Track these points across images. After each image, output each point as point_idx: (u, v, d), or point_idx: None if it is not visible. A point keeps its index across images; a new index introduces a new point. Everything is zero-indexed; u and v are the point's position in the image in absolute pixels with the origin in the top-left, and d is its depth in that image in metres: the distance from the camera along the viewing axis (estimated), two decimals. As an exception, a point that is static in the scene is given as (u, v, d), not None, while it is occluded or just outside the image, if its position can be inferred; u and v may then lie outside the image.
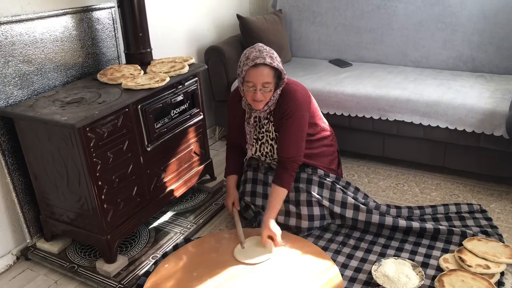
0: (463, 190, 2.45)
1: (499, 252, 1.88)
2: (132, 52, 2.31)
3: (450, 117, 2.36)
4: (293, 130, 2.03)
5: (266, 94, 1.97)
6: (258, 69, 1.91)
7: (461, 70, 2.81)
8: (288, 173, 2.04)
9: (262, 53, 1.92)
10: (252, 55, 1.92)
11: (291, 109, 2.01)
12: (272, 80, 1.95)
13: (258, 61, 1.89)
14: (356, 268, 1.92)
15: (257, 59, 1.90)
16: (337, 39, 3.19)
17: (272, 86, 1.96)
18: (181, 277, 1.88)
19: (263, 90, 1.95)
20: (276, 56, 1.97)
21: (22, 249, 2.15)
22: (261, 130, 2.14)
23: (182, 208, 2.43)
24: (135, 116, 2.00)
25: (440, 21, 2.82)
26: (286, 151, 2.05)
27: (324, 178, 2.12)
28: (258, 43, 2.01)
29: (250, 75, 1.93)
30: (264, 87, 1.94)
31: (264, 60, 1.90)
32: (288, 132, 2.04)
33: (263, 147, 2.16)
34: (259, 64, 1.90)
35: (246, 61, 1.93)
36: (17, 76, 1.99)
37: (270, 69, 1.93)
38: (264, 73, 1.92)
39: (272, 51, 1.97)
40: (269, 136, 2.13)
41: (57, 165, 1.88)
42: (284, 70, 1.98)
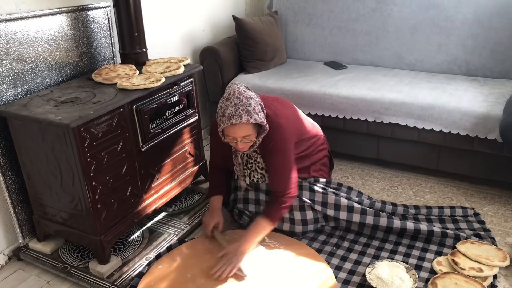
0: (456, 193, 2.46)
1: (492, 255, 1.89)
2: (127, 52, 2.30)
3: (444, 120, 2.37)
4: (279, 164, 1.96)
5: (248, 143, 1.89)
6: (236, 126, 1.81)
7: (455, 73, 2.83)
8: (276, 207, 1.95)
9: (239, 109, 1.78)
10: (227, 111, 1.80)
11: (274, 143, 1.93)
12: (253, 131, 1.85)
13: (234, 121, 1.78)
14: (350, 270, 1.92)
15: (233, 117, 1.78)
16: (333, 41, 3.20)
17: (253, 136, 1.87)
18: (174, 278, 1.87)
19: (244, 141, 1.87)
20: (253, 106, 1.81)
21: (14, 249, 2.13)
22: (249, 161, 2.08)
23: (176, 209, 2.42)
24: (130, 116, 1.99)
25: (435, 24, 2.84)
26: (276, 185, 1.98)
27: (314, 184, 2.11)
28: (234, 88, 1.85)
29: (228, 131, 1.85)
30: (245, 138, 1.86)
31: (240, 119, 1.78)
32: (274, 166, 1.97)
33: (253, 174, 2.11)
34: (236, 124, 1.80)
35: (222, 118, 1.82)
36: (11, 74, 1.97)
37: (248, 125, 1.82)
38: (242, 129, 1.82)
39: (249, 102, 1.81)
40: (259, 167, 2.07)
41: (51, 165, 1.87)
42: (264, 120, 1.86)
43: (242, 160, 2.09)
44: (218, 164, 2.20)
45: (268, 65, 3.13)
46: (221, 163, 2.19)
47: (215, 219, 2.10)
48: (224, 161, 2.17)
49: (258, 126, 1.89)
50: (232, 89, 1.86)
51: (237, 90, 1.84)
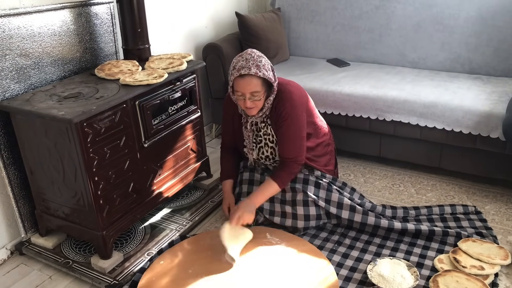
0: (458, 192, 2.46)
1: (494, 253, 1.89)
2: (130, 48, 2.30)
3: (447, 118, 2.36)
4: (291, 131, 2.02)
5: (257, 102, 1.94)
6: (245, 79, 1.88)
7: (458, 71, 2.82)
8: (286, 172, 2.03)
9: (249, 62, 1.88)
10: (238, 64, 1.89)
11: (287, 110, 1.99)
12: (261, 88, 1.91)
13: (243, 72, 1.86)
14: (352, 267, 1.92)
15: (242, 69, 1.87)
16: (336, 39, 3.19)
17: (261, 94, 1.93)
18: (176, 274, 1.87)
19: (253, 99, 1.92)
20: (264, 63, 1.91)
21: (16, 243, 2.14)
22: (258, 134, 2.12)
23: (178, 205, 2.43)
24: (133, 112, 1.99)
25: (438, 22, 2.83)
26: (287, 152, 2.04)
27: (320, 179, 2.12)
28: (248, 49, 1.97)
29: (237, 85, 1.91)
30: (253, 96, 1.91)
31: (249, 70, 1.86)
32: (286, 133, 2.02)
33: (262, 150, 2.15)
34: (245, 75, 1.87)
35: (233, 70, 1.91)
36: (14, 69, 1.97)
37: (257, 79, 1.89)
38: (251, 83, 1.88)
39: (260, 59, 1.92)
40: (269, 139, 2.11)
41: (54, 160, 1.87)
42: (273, 78, 1.94)
43: (252, 132, 2.11)
44: (229, 143, 2.26)
45: (271, 62, 3.11)
46: (232, 142, 2.24)
47: (227, 203, 2.18)
48: (234, 140, 2.21)
49: (267, 85, 1.94)
50: (246, 50, 1.98)
51: (250, 50, 1.98)
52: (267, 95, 1.97)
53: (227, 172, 2.27)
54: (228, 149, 2.28)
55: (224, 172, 2.28)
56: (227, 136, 2.26)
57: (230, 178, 2.25)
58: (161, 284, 1.82)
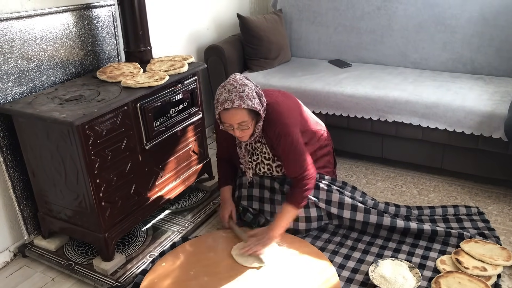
0: (461, 192, 2.45)
1: (496, 254, 1.88)
2: (131, 50, 2.31)
3: (449, 119, 2.36)
4: (288, 150, 1.98)
5: (245, 130, 1.92)
6: (230, 112, 1.85)
7: (460, 72, 2.81)
8: (298, 190, 1.98)
9: (231, 95, 1.83)
10: (221, 97, 1.85)
11: (278, 131, 1.96)
12: (248, 118, 1.87)
13: (226, 106, 1.82)
14: (353, 268, 1.92)
15: (225, 102, 1.83)
16: (337, 40, 3.19)
17: (249, 123, 1.89)
18: (178, 275, 1.88)
19: (241, 128, 1.90)
20: (247, 92, 1.84)
21: (19, 246, 2.15)
22: (254, 152, 2.12)
23: (180, 207, 2.43)
24: (134, 114, 1.99)
25: (440, 23, 2.82)
26: (291, 171, 2.02)
27: (319, 181, 2.12)
28: (231, 77, 1.90)
29: (223, 117, 1.88)
30: (241, 125, 1.89)
31: (232, 103, 1.81)
32: (285, 154, 1.99)
33: (259, 167, 2.15)
34: (228, 109, 1.84)
35: (216, 104, 1.88)
36: (16, 73, 1.98)
37: (242, 110, 1.84)
38: (236, 115, 1.85)
39: (243, 88, 1.85)
40: (264, 157, 2.11)
41: (55, 163, 1.88)
42: (258, 106, 1.88)
43: (247, 152, 2.11)
44: (224, 156, 2.26)
45: (273, 63, 3.13)
46: (227, 156, 2.24)
47: (228, 209, 2.16)
48: (229, 154, 2.21)
49: (255, 113, 1.91)
50: (229, 77, 1.92)
51: (232, 78, 1.90)
52: (256, 121, 1.94)
53: (225, 178, 2.26)
54: (224, 159, 2.27)
55: (222, 179, 2.26)
56: (222, 150, 2.24)
57: (228, 185, 2.24)
58: (163, 285, 1.83)
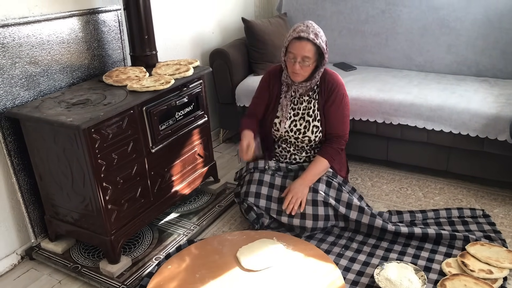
0: (466, 195, 2.45)
1: (502, 257, 1.87)
2: (137, 54, 2.33)
3: (454, 121, 2.36)
4: (341, 108, 2.16)
5: (305, 68, 2.04)
6: (301, 42, 2.00)
7: (465, 74, 2.81)
8: (334, 148, 2.15)
9: (309, 29, 2.00)
10: (298, 28, 2.01)
11: (339, 88, 2.14)
12: (313, 56, 2.02)
13: (302, 35, 1.98)
14: (359, 271, 1.92)
15: (302, 32, 1.99)
16: (342, 43, 3.20)
17: (311, 62, 2.03)
18: (183, 278, 1.88)
19: (302, 64, 2.03)
20: (322, 35, 2.04)
21: (26, 249, 2.17)
22: (296, 107, 2.18)
23: (186, 210, 2.44)
24: (140, 117, 2.01)
25: (445, 25, 2.83)
26: (337, 128, 2.17)
27: (332, 178, 2.14)
28: (309, 20, 2.08)
29: (292, 46, 2.02)
30: (304, 61, 2.02)
31: (308, 35, 1.98)
32: (340, 111, 2.16)
33: (295, 123, 2.20)
34: (303, 38, 1.99)
35: (292, 32, 2.03)
36: (23, 77, 2.01)
37: (312, 45, 2.00)
38: (306, 47, 2.00)
39: (319, 29, 2.04)
40: (308, 113, 2.18)
41: (62, 166, 1.90)
42: (326, 49, 2.05)
43: (290, 102, 2.18)
44: (256, 113, 2.30)
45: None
46: (259, 113, 2.29)
47: (246, 140, 2.15)
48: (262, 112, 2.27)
49: (319, 55, 2.03)
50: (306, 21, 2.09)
51: (310, 21, 2.07)
52: (316, 65, 2.06)
53: (248, 126, 2.24)
54: (253, 116, 2.30)
55: (245, 126, 2.24)
56: (257, 106, 2.29)
57: (251, 130, 2.21)
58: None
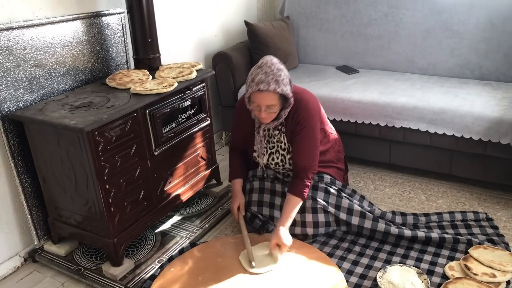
0: (469, 198, 2.44)
1: (506, 260, 1.87)
2: (140, 57, 2.34)
3: (456, 124, 2.36)
4: (307, 140, 2.04)
5: (271, 113, 1.98)
6: (263, 93, 1.90)
7: (468, 77, 2.81)
8: (303, 183, 2.02)
9: (268, 77, 1.88)
10: (257, 78, 1.89)
11: (305, 119, 2.03)
12: (277, 102, 1.94)
13: (262, 87, 1.87)
14: (361, 274, 1.91)
15: (261, 83, 1.88)
16: (344, 46, 3.20)
17: (277, 107, 1.96)
18: (186, 281, 1.89)
19: (268, 111, 1.96)
20: (283, 78, 1.92)
21: (29, 251, 2.17)
22: (270, 140, 2.15)
23: (189, 213, 2.44)
24: (143, 120, 2.01)
25: (448, 28, 2.83)
26: (303, 161, 2.05)
27: (330, 186, 2.13)
28: (267, 59, 1.95)
29: (254, 97, 1.94)
30: (269, 108, 1.95)
31: (268, 86, 1.87)
32: (303, 142, 2.04)
33: (273, 156, 2.17)
34: (263, 90, 1.89)
35: (251, 83, 1.92)
36: (27, 80, 2.01)
37: (275, 94, 1.91)
38: (268, 97, 1.91)
39: (279, 73, 1.91)
40: (280, 147, 2.13)
41: (66, 168, 1.90)
42: (290, 93, 1.96)
43: (264, 138, 2.14)
44: (238, 145, 2.28)
45: (280, 69, 3.14)
46: (241, 145, 2.26)
47: (237, 202, 2.19)
48: (244, 144, 2.23)
49: (283, 99, 1.97)
50: (265, 59, 1.95)
51: (269, 60, 1.94)
52: (282, 107, 2.00)
53: (236, 171, 2.28)
54: (238, 150, 2.30)
55: (233, 172, 2.29)
56: (238, 139, 2.27)
57: (239, 177, 2.26)
58: (171, 291, 1.84)
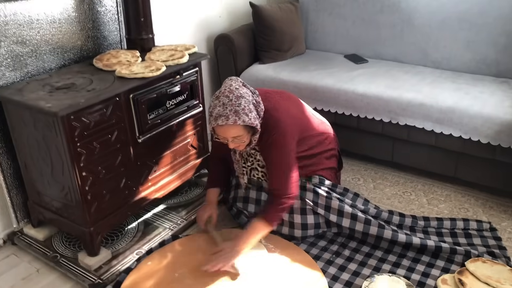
0: (474, 204, 2.29)
1: (504, 277, 1.73)
2: (132, 38, 2.23)
3: (464, 125, 2.19)
4: (278, 161, 1.86)
5: (240, 143, 1.80)
6: (223, 127, 1.73)
7: (484, 74, 2.60)
8: (275, 209, 1.85)
9: (226, 109, 1.69)
10: (215, 111, 1.71)
11: (273, 139, 1.83)
12: (243, 132, 1.75)
13: (220, 122, 1.69)
14: (347, 282, 1.80)
15: (219, 118, 1.69)
16: (355, 34, 3.02)
17: (244, 136, 1.77)
18: (162, 276, 1.81)
19: (236, 141, 1.79)
20: (243, 106, 1.70)
21: (9, 233, 2.12)
22: (249, 159, 2.01)
23: (176, 202, 2.35)
24: (126, 106, 1.91)
25: (465, 19, 2.62)
26: (273, 182, 1.88)
27: (318, 186, 1.99)
28: (226, 85, 1.76)
29: (217, 131, 1.77)
30: (236, 138, 1.77)
31: (227, 120, 1.68)
32: (272, 164, 1.88)
33: (253, 173, 2.04)
34: (222, 125, 1.71)
35: (210, 117, 1.74)
36: (9, 57, 1.92)
37: (236, 126, 1.72)
38: (230, 130, 1.73)
39: (239, 101, 1.70)
40: (258, 165, 2.00)
41: (42, 153, 1.82)
42: (255, 121, 1.74)
43: (241, 157, 2.00)
44: (219, 156, 2.15)
45: (285, 55, 2.99)
46: (221, 156, 2.13)
47: (207, 212, 2.06)
48: (224, 155, 2.10)
49: (251, 127, 1.78)
50: (224, 86, 1.77)
51: (228, 88, 1.74)
52: (253, 133, 1.81)
53: (214, 180, 2.15)
54: (218, 159, 2.15)
55: (211, 180, 2.16)
56: (217, 151, 2.12)
57: (216, 187, 2.12)
58: (145, 286, 1.76)
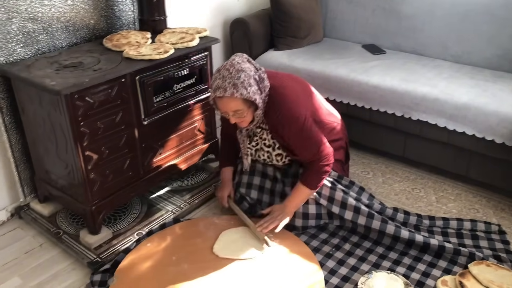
0: (485, 205, 2.21)
1: (507, 282, 1.67)
2: (145, 18, 2.23)
3: (479, 124, 2.11)
4: (297, 135, 1.85)
5: (242, 118, 1.79)
6: (222, 100, 1.73)
7: (505, 70, 2.49)
8: (313, 173, 1.88)
9: (225, 82, 1.68)
10: (215, 83, 1.72)
11: (283, 116, 1.81)
12: (243, 106, 1.74)
13: (218, 94, 1.70)
14: (344, 276, 1.78)
15: (217, 90, 1.70)
16: (374, 23, 2.93)
17: (245, 111, 1.76)
18: (159, 259, 1.82)
19: (237, 116, 1.77)
20: (243, 79, 1.69)
21: (16, 206, 2.16)
22: (254, 138, 1.99)
23: (180, 186, 2.35)
24: (132, 87, 1.90)
25: (489, 12, 2.50)
26: (304, 155, 1.89)
27: None
28: (230, 60, 1.76)
29: (218, 104, 1.76)
30: (237, 113, 1.76)
31: (225, 92, 1.68)
32: (294, 138, 1.86)
33: (259, 154, 2.03)
34: (221, 97, 1.71)
35: (210, 89, 1.75)
36: (21, 33, 1.94)
37: (234, 99, 1.71)
38: (229, 103, 1.73)
39: (239, 74, 1.69)
40: (264, 144, 1.98)
41: (47, 130, 1.84)
42: (254, 96, 1.72)
43: (247, 137, 1.99)
44: (229, 131, 2.11)
45: (301, 42, 2.94)
46: (232, 132, 2.08)
47: (226, 191, 2.10)
48: (233, 134, 2.08)
49: (251, 101, 1.76)
50: (228, 60, 1.77)
51: (229, 62, 1.75)
52: (255, 109, 1.79)
53: (227, 159, 2.19)
54: (229, 136, 2.14)
55: (224, 159, 2.20)
56: (227, 128, 2.10)
57: (230, 166, 2.16)
58: (141, 267, 1.77)
